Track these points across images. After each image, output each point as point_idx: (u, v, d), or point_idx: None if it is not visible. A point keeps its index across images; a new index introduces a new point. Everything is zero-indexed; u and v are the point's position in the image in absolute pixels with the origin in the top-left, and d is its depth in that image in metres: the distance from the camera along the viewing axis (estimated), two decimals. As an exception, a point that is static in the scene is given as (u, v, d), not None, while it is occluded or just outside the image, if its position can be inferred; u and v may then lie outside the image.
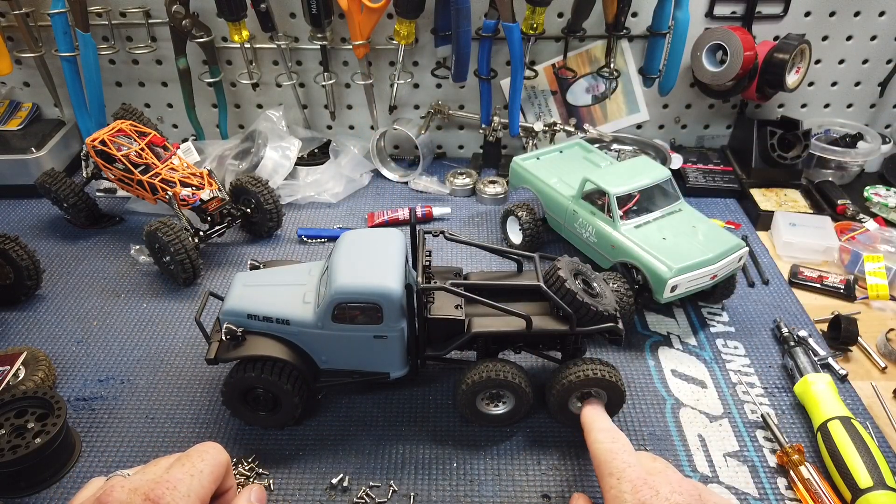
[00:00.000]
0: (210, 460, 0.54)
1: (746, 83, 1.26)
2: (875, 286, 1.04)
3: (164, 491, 0.49)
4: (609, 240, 0.98)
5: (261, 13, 1.22)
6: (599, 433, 0.70)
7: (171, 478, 0.50)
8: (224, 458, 0.56)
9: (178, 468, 0.52)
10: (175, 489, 0.49)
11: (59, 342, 0.97)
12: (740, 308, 1.04)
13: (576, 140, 1.24)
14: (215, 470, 0.54)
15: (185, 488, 0.50)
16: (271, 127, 1.32)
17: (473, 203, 1.32)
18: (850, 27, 1.30)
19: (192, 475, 0.52)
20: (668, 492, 0.60)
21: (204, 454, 0.54)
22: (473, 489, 0.76)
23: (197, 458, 0.53)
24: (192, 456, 0.54)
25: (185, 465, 0.52)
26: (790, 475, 0.77)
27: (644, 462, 0.66)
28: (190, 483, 0.51)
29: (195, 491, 0.50)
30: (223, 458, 0.56)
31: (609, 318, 0.79)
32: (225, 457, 0.56)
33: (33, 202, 1.29)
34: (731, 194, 1.32)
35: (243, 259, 1.15)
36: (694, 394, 0.89)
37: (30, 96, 1.42)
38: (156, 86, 1.40)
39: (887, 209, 1.24)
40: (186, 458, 0.54)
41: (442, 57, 1.34)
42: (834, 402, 0.81)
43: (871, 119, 1.43)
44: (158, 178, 1.08)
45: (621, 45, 1.32)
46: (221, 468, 0.55)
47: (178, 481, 0.50)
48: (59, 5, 1.18)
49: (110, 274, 1.11)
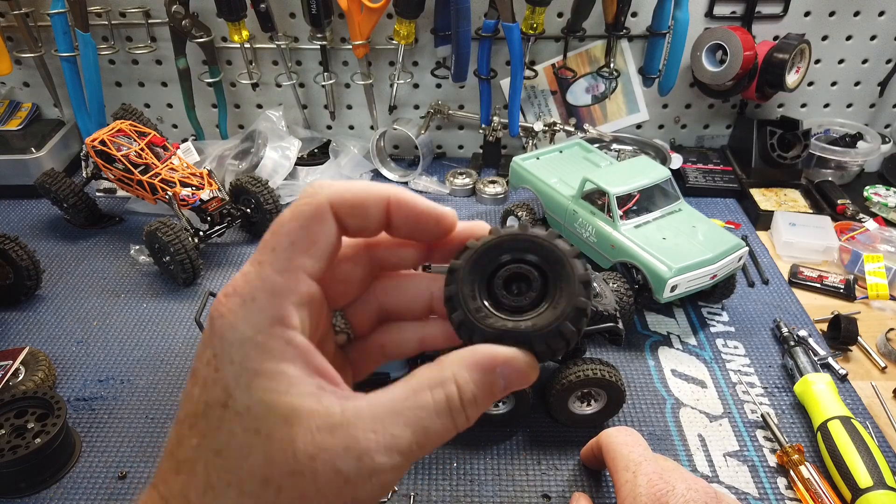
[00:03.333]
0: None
1: (746, 83, 1.26)
2: (875, 286, 1.04)
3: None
4: (609, 240, 0.98)
5: (261, 13, 1.22)
6: (613, 429, 0.70)
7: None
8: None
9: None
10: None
11: (59, 342, 0.97)
12: (740, 308, 1.04)
13: (576, 140, 1.24)
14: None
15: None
16: (271, 127, 1.32)
17: (473, 203, 1.31)
18: (849, 27, 1.30)
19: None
20: (684, 489, 0.59)
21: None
22: (473, 489, 0.76)
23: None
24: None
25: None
26: (790, 475, 0.77)
27: (658, 460, 0.66)
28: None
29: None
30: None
31: (609, 318, 0.79)
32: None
33: (33, 202, 1.29)
34: (730, 194, 1.32)
35: (243, 259, 1.15)
36: (694, 394, 0.89)
37: (29, 96, 1.42)
38: (156, 86, 1.40)
39: (887, 209, 1.24)
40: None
41: (442, 57, 1.34)
42: (834, 401, 0.81)
43: (870, 119, 1.43)
44: (158, 178, 1.08)
45: (621, 45, 1.32)
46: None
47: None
48: (59, 5, 1.18)
49: (110, 274, 1.11)
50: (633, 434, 0.68)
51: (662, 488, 0.59)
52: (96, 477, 0.77)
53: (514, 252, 0.35)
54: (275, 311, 0.29)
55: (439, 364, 0.32)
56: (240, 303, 0.30)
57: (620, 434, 0.68)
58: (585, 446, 0.76)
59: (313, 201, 0.31)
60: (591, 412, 0.82)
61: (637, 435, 0.68)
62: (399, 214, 0.34)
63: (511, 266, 0.35)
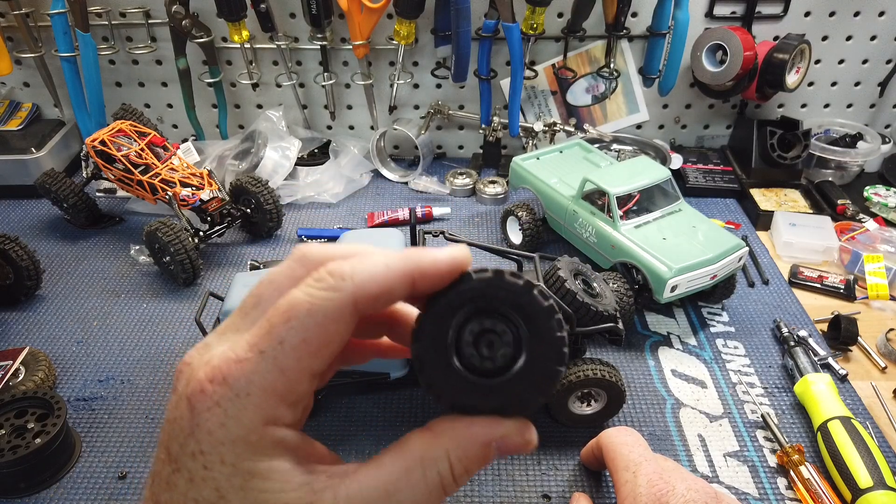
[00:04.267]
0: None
1: (746, 83, 1.26)
2: (875, 286, 1.04)
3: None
4: (609, 240, 0.98)
5: (261, 13, 1.22)
6: (613, 429, 0.70)
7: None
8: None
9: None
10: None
11: (59, 342, 0.97)
12: (740, 308, 1.04)
13: (576, 140, 1.24)
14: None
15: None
16: (271, 127, 1.32)
17: (473, 203, 1.31)
18: (849, 27, 1.30)
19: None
20: (684, 489, 0.59)
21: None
22: (473, 489, 0.76)
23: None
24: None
25: None
26: (790, 475, 0.77)
27: (658, 460, 0.66)
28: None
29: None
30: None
31: (609, 318, 0.79)
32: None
33: (33, 202, 1.29)
34: (730, 194, 1.32)
35: (243, 259, 1.15)
36: (694, 394, 0.89)
37: (30, 96, 1.42)
38: (156, 86, 1.40)
39: (887, 209, 1.24)
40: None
41: (442, 57, 1.34)
42: (834, 402, 0.81)
43: (870, 119, 1.43)
44: (158, 179, 1.08)
45: (621, 45, 1.32)
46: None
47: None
48: (59, 5, 1.18)
49: (110, 274, 1.11)
50: (634, 434, 0.68)
51: (662, 488, 0.59)
52: (96, 477, 0.77)
53: (484, 306, 0.32)
54: (270, 412, 0.28)
55: (433, 435, 0.31)
56: (231, 396, 0.27)
57: (620, 434, 0.68)
58: (585, 447, 0.76)
59: (337, 298, 0.28)
60: (591, 412, 0.82)
61: (637, 435, 0.68)
62: (423, 286, 0.31)
63: (480, 323, 0.32)
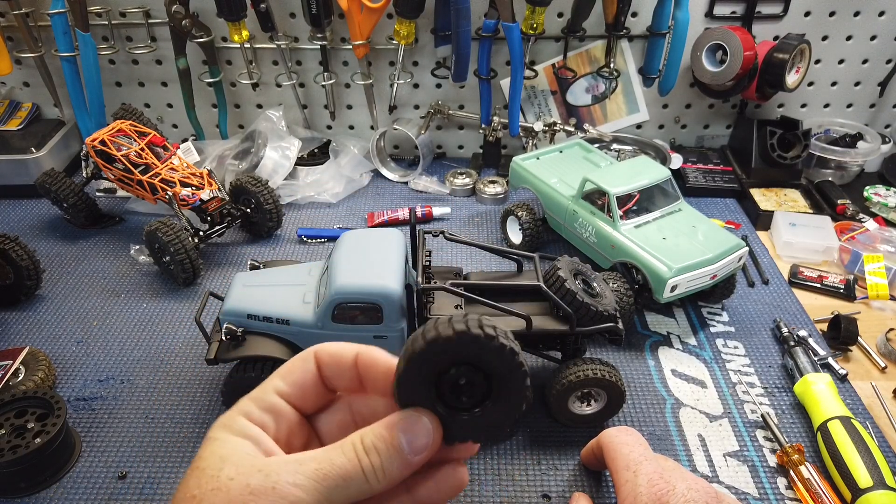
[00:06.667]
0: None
1: (746, 83, 1.26)
2: (875, 286, 1.04)
3: None
4: (609, 240, 0.98)
5: (261, 13, 1.22)
6: (613, 429, 0.70)
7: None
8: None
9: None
10: None
11: (59, 342, 0.97)
12: (740, 308, 1.04)
13: (576, 140, 1.24)
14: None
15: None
16: (271, 127, 1.32)
17: (473, 203, 1.31)
18: (849, 27, 1.30)
19: None
20: (684, 488, 0.59)
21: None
22: (473, 489, 0.76)
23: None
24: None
25: None
26: (790, 475, 0.77)
27: (658, 460, 0.66)
28: None
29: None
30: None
31: (609, 317, 0.79)
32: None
33: (33, 202, 1.29)
34: (730, 194, 1.32)
35: (243, 259, 1.15)
36: (694, 394, 0.89)
37: (30, 96, 1.42)
38: (156, 86, 1.40)
39: (887, 209, 1.24)
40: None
41: (442, 57, 1.34)
42: (834, 401, 0.81)
43: (870, 119, 1.43)
44: (158, 178, 1.08)
45: (621, 45, 1.32)
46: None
47: None
48: (59, 5, 1.18)
49: (110, 274, 1.11)
50: (634, 434, 0.68)
51: (663, 488, 0.59)
52: (96, 477, 0.77)
53: (456, 358, 0.37)
54: (242, 407, 0.41)
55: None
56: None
57: (621, 434, 0.68)
58: (585, 447, 0.76)
59: (306, 352, 0.43)
60: (591, 412, 0.82)
61: (637, 435, 0.68)
62: (365, 367, 0.41)
63: (457, 372, 0.38)
